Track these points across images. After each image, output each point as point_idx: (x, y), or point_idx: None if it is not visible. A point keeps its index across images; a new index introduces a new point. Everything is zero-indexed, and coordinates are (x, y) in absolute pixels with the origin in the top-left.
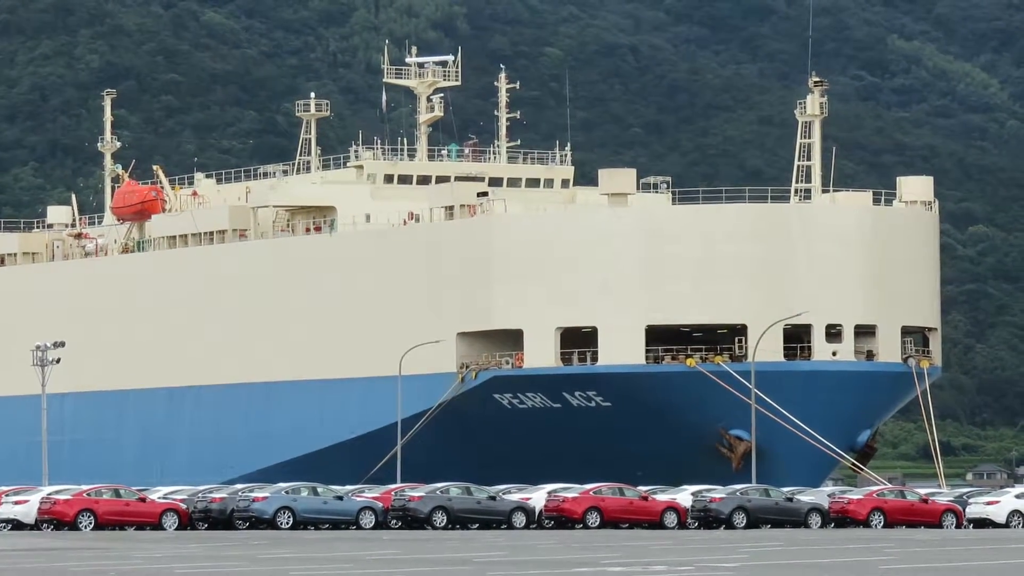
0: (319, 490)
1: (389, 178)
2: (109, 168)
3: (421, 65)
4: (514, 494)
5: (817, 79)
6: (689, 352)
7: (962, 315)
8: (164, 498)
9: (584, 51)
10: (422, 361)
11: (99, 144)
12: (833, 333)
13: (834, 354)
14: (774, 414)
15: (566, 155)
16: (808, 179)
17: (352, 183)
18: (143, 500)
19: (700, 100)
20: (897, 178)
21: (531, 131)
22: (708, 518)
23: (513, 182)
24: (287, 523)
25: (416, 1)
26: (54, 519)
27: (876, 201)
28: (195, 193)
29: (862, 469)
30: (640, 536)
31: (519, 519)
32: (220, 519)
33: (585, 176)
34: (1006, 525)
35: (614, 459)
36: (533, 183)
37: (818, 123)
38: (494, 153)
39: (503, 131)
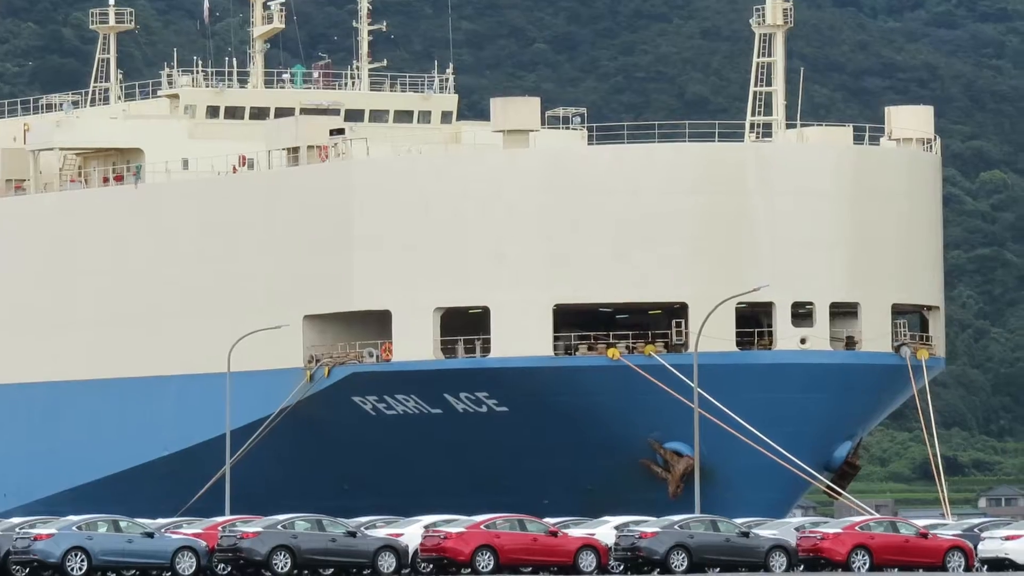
0: (122, 525)
1: (213, 111)
2: None
3: None
4: (381, 529)
5: None
6: (611, 341)
7: (972, 289)
8: None
9: None
10: (258, 353)
11: None
12: (802, 314)
13: (803, 342)
14: (724, 421)
15: (447, 80)
16: (769, 110)
17: (164, 118)
18: None
19: (625, 7)
20: (886, 108)
21: (401, 48)
22: (637, 559)
23: (377, 115)
24: (80, 569)
25: None
26: None
27: (859, 139)
28: None
29: (841, 494)
30: None
31: (387, 562)
32: None
33: (473, 108)
34: None
35: (513, 483)
36: (404, 117)
37: (781, 36)
38: (352, 78)
39: (364, 49)
